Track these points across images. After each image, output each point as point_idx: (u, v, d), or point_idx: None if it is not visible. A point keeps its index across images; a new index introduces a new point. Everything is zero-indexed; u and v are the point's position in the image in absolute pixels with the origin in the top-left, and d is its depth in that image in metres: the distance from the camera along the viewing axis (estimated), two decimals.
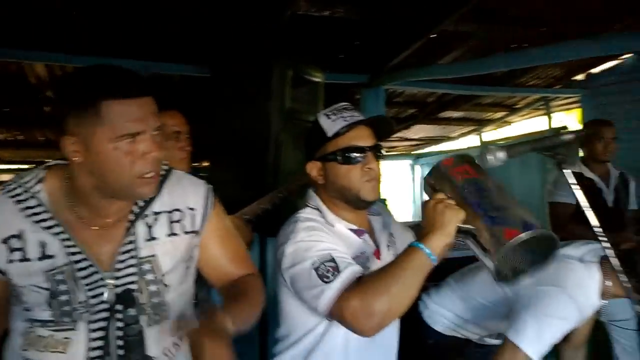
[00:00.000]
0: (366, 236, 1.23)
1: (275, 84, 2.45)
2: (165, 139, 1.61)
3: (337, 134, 1.16)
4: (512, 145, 1.13)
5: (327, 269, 1.05)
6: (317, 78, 2.94)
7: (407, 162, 7.58)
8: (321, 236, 1.13)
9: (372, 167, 1.16)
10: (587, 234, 2.45)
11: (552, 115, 5.74)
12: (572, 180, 1.11)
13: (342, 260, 1.08)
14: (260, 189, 1.88)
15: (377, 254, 1.23)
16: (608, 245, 1.19)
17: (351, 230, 1.21)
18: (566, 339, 1.57)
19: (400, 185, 7.54)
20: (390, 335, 1.28)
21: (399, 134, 6.54)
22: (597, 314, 1.60)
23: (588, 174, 2.62)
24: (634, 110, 4.17)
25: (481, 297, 1.61)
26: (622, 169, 2.73)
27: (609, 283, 1.43)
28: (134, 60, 3.05)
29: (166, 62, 3.39)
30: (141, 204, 0.97)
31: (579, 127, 5.00)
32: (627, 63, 4.37)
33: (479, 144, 6.67)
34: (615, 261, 1.38)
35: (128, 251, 0.94)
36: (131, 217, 0.96)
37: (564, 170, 1.09)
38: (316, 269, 1.06)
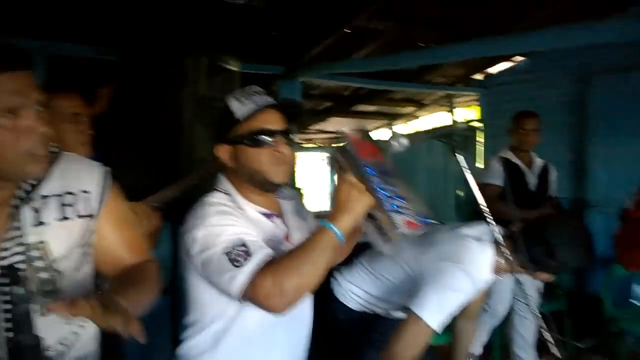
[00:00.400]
0: (277, 220, 1.25)
1: (188, 70, 2.40)
2: (63, 121, 1.52)
3: (248, 117, 1.16)
4: (414, 133, 1.22)
5: (238, 254, 1.05)
6: (233, 67, 2.92)
7: (324, 154, 7.75)
8: (232, 220, 1.13)
9: (282, 150, 1.18)
10: (510, 212, 2.74)
11: (454, 111, 6.19)
12: (464, 164, 1.23)
13: (253, 244, 1.09)
14: (173, 177, 1.83)
15: (288, 237, 1.25)
16: (494, 224, 1.32)
17: (262, 213, 1.22)
18: (461, 311, 1.72)
19: (317, 176, 7.69)
20: (305, 313, 1.32)
21: (316, 126, 6.65)
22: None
23: (514, 159, 2.90)
24: (524, 109, 4.62)
25: (388, 274, 1.71)
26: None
27: (500, 260, 1.59)
28: (32, 41, 2.80)
29: (71, 44, 3.15)
30: (27, 187, 0.91)
31: (479, 122, 5.42)
32: (520, 65, 4.81)
33: (390, 136, 6.99)
34: (501, 239, 1.55)
35: (12, 238, 0.88)
36: (15, 202, 0.89)
37: (456, 156, 1.20)
38: (227, 254, 1.06)
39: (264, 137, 1.16)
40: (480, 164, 5.19)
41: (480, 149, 5.29)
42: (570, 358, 3.09)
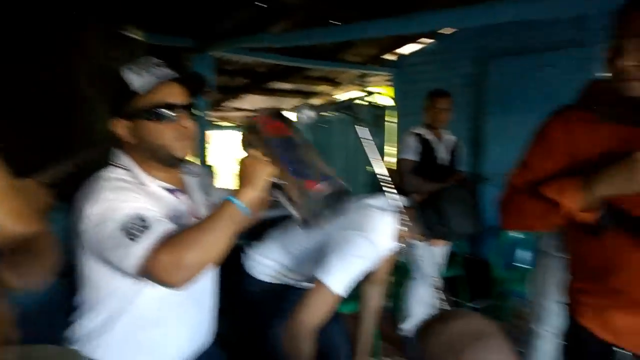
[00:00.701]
0: (181, 195, 1.21)
1: (84, 38, 2.22)
2: None
3: (147, 90, 1.09)
4: (320, 106, 1.25)
5: (135, 228, 1.01)
6: (138, 37, 2.75)
7: (239, 132, 7.63)
8: (130, 195, 1.08)
9: (185, 125, 1.13)
10: (421, 184, 2.89)
11: (369, 90, 6.37)
12: (364, 135, 1.28)
13: (152, 218, 1.05)
14: (69, 151, 1.70)
15: (193, 213, 1.22)
16: (394, 194, 1.40)
17: (164, 189, 1.18)
18: (367, 277, 1.82)
19: (231, 154, 7.57)
20: (207, 290, 1.31)
21: (232, 104, 6.51)
22: (397, 254, 1.90)
23: (427, 135, 3.06)
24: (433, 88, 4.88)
25: (299, 245, 1.75)
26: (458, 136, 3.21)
27: (402, 228, 1.69)
28: None
29: None
30: None
31: (392, 102, 5.63)
32: (428, 47, 5.04)
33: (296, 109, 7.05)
34: (402, 209, 1.65)
35: None
36: None
37: (357, 127, 1.24)
38: (123, 229, 1.01)
39: (165, 111, 1.10)
40: (394, 142, 5.43)
41: (393, 127, 5.52)
42: None
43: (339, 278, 1.50)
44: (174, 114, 1.12)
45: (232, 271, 1.84)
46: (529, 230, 1.26)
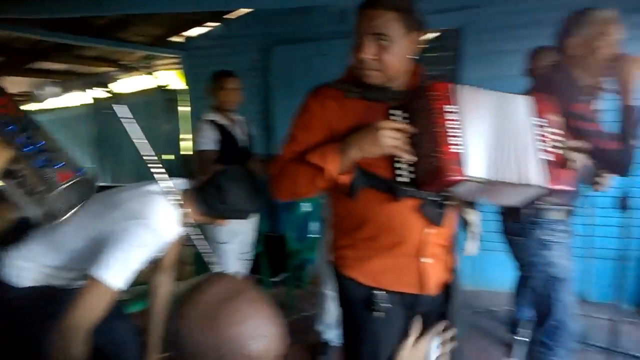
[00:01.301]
0: None
1: None
2: None
3: None
4: (68, 82, 1.11)
5: None
6: None
7: None
8: None
9: None
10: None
11: (157, 73, 6.01)
12: (124, 114, 1.19)
13: None
14: None
15: None
16: (167, 177, 1.34)
17: None
18: (155, 265, 1.73)
19: None
20: None
21: None
22: (185, 239, 1.84)
23: (221, 120, 2.86)
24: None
25: (70, 242, 1.55)
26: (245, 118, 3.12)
27: (186, 211, 1.64)
28: None
29: None
30: None
31: (183, 85, 5.43)
32: (216, 30, 4.99)
33: (89, 100, 6.30)
34: (182, 192, 1.61)
35: None
36: None
37: (114, 106, 1.15)
38: None
39: None
40: (187, 127, 5.26)
41: (186, 112, 5.33)
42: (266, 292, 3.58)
43: (116, 271, 1.38)
44: None
45: None
46: (299, 197, 1.37)
